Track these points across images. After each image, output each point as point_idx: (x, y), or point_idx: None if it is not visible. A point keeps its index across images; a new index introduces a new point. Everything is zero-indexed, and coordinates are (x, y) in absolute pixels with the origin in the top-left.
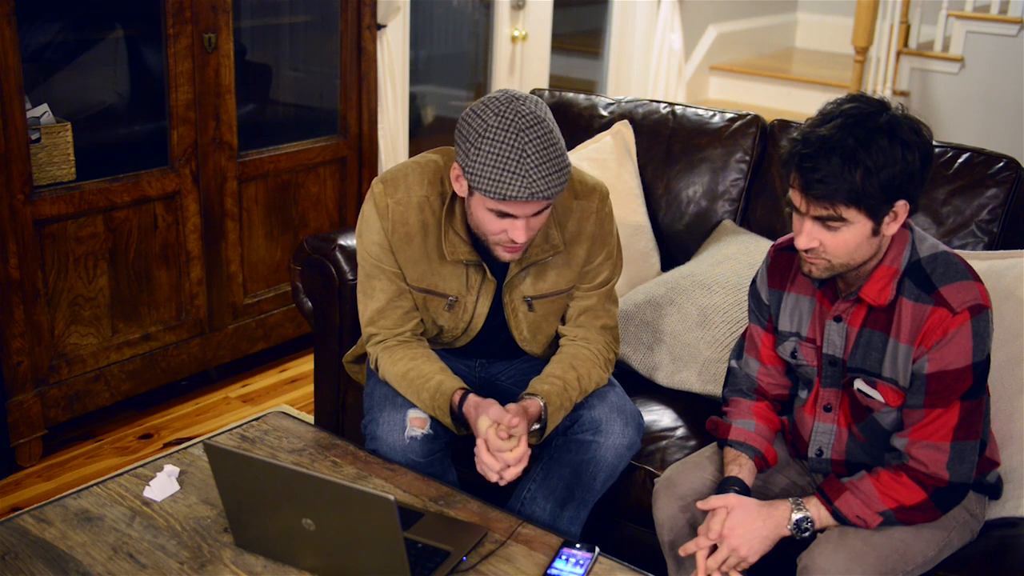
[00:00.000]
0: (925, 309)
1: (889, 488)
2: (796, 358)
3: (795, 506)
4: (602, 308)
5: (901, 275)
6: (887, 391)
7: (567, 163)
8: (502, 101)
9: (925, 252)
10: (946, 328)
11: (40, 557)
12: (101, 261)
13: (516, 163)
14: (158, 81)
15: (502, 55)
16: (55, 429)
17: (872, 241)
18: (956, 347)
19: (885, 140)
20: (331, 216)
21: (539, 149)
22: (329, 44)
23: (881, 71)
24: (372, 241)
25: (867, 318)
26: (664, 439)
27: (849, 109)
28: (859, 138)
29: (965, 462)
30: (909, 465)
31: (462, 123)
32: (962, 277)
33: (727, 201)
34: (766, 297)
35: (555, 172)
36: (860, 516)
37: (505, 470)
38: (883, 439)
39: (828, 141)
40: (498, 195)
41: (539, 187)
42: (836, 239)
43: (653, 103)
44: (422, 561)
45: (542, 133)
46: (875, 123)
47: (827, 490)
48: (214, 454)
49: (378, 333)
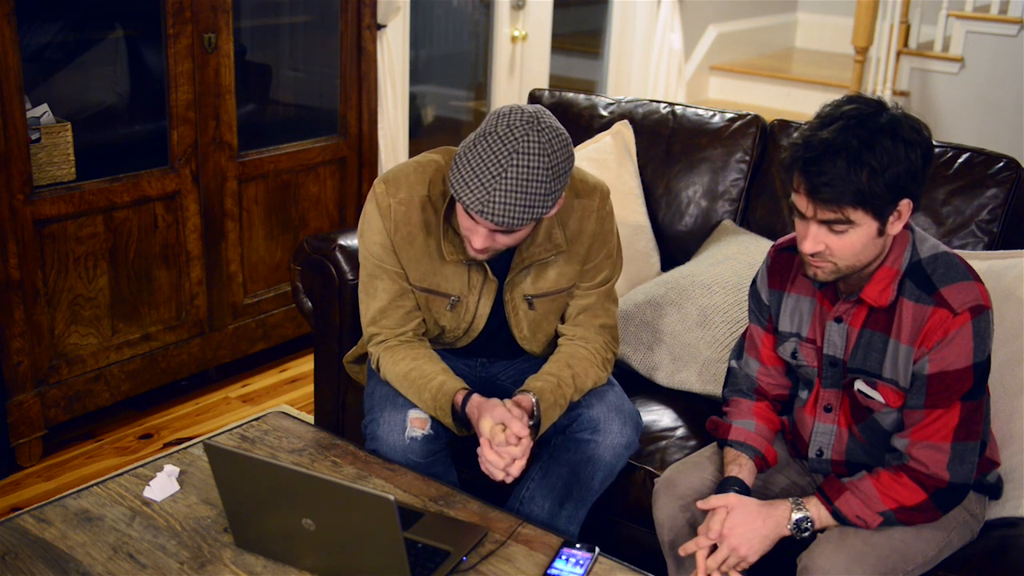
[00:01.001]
0: (926, 310)
1: (889, 488)
2: (796, 359)
3: (795, 506)
4: (601, 307)
5: (902, 276)
6: (887, 392)
7: (541, 205)
8: (525, 120)
9: (926, 253)
10: (947, 329)
11: (40, 557)
12: (101, 261)
13: (489, 179)
14: (158, 81)
15: (502, 55)
16: (55, 429)
17: (877, 242)
18: (957, 348)
19: (888, 140)
20: (331, 216)
21: (519, 180)
22: (329, 44)
23: (881, 71)
24: (374, 241)
25: (868, 319)
26: (664, 439)
27: (849, 111)
28: (862, 139)
29: (966, 463)
30: (909, 466)
31: (487, 118)
32: (963, 278)
33: (727, 201)
34: (766, 298)
35: (520, 206)
36: (860, 516)
37: (511, 465)
38: (883, 440)
39: (832, 144)
40: (458, 196)
41: (495, 210)
42: (842, 242)
43: (653, 103)
44: (422, 561)
45: (532, 167)
46: (876, 123)
47: (827, 490)
48: (214, 454)
49: (380, 333)
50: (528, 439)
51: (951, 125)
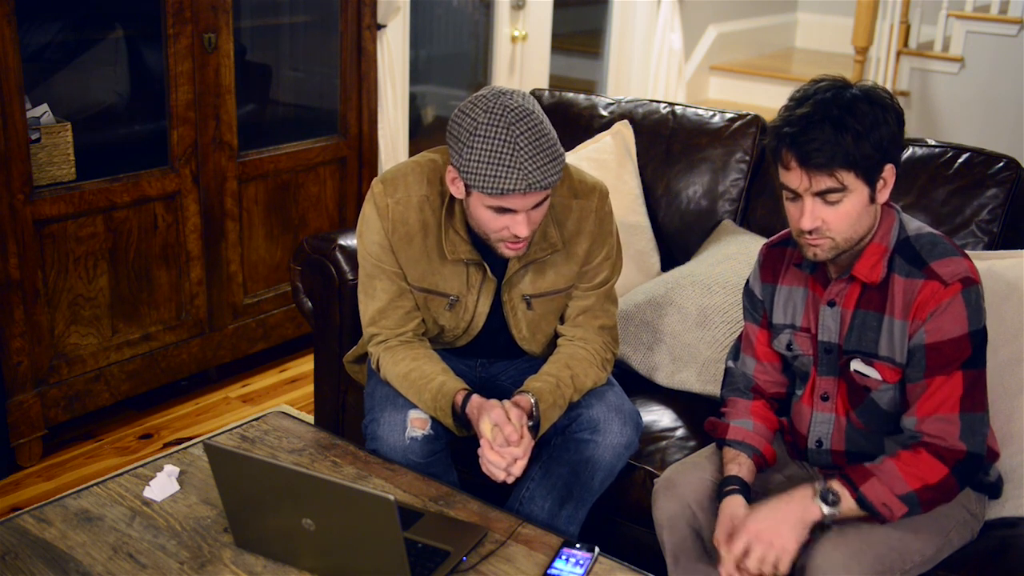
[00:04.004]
0: (916, 283)
1: (912, 466)
2: (792, 349)
3: (814, 486)
4: (600, 308)
5: (891, 252)
6: (884, 369)
7: (560, 152)
8: (489, 98)
9: (913, 231)
10: (939, 299)
11: (40, 557)
12: (101, 261)
13: (510, 156)
14: (158, 81)
15: (502, 55)
16: (55, 429)
17: (869, 210)
18: (951, 316)
19: (865, 105)
20: (331, 216)
21: (531, 140)
22: (329, 44)
23: (881, 71)
24: (372, 241)
25: (860, 299)
26: (664, 439)
27: (822, 87)
28: (841, 106)
29: (977, 433)
30: (925, 441)
31: (452, 125)
32: (951, 253)
33: (727, 201)
34: (759, 292)
35: (550, 161)
36: (887, 504)
37: (512, 465)
38: (881, 423)
39: (813, 115)
40: (496, 190)
41: (535, 178)
42: (838, 213)
43: (653, 103)
44: (422, 561)
45: (532, 124)
46: (850, 93)
47: (852, 475)
48: (214, 454)
49: (380, 333)
50: (529, 438)
51: (951, 125)
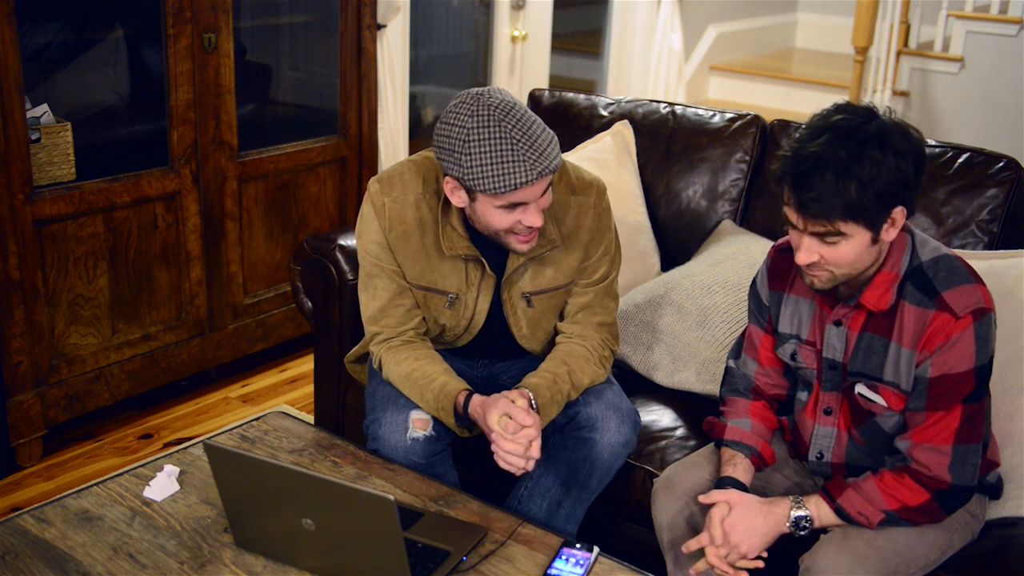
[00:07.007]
0: (928, 314)
1: (893, 489)
2: (796, 360)
3: (795, 504)
4: (599, 305)
5: (902, 279)
6: (889, 395)
7: (552, 133)
8: (468, 103)
9: (927, 256)
10: (949, 333)
11: (40, 557)
12: (101, 261)
13: (511, 152)
14: (158, 81)
15: (502, 55)
16: (55, 429)
17: (872, 249)
18: (959, 351)
19: (877, 151)
20: (331, 216)
21: (524, 131)
22: (329, 44)
23: (881, 71)
24: (371, 240)
25: (867, 322)
26: (663, 439)
27: (838, 122)
28: (850, 151)
29: (967, 465)
30: (911, 467)
31: (440, 137)
32: (964, 281)
33: (727, 201)
34: (766, 298)
35: (548, 145)
36: (862, 512)
37: (530, 448)
38: (883, 442)
39: (820, 157)
40: (507, 187)
41: (542, 164)
42: (836, 252)
43: (653, 103)
44: (422, 561)
45: (519, 116)
46: (865, 133)
47: (831, 489)
48: (214, 454)
49: (381, 332)
50: (538, 418)
51: (951, 125)
